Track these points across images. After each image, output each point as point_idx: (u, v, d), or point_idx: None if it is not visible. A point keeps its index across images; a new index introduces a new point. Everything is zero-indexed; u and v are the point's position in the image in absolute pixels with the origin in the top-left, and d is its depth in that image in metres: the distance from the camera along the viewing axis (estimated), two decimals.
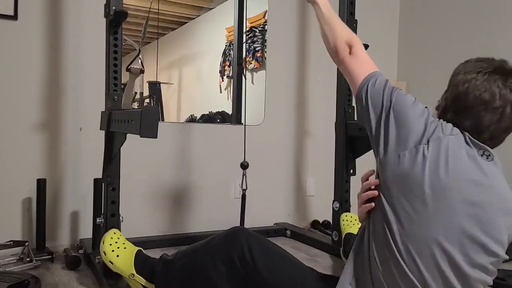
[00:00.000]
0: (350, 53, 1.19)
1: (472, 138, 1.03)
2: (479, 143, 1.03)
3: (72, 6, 2.04)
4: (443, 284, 0.98)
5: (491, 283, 1.03)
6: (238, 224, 1.91)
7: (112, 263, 1.45)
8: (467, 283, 0.99)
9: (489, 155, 1.03)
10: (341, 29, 1.25)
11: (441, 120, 1.07)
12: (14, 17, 1.93)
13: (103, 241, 1.50)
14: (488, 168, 1.01)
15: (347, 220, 1.99)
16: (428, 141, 1.00)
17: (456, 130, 1.05)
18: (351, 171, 2.08)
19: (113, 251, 1.47)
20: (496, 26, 2.40)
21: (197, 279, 1.30)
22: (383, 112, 1.07)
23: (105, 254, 1.47)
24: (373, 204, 1.06)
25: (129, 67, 2.29)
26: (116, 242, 1.50)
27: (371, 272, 1.05)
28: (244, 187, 1.85)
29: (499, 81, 1.03)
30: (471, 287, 1.00)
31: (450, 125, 1.05)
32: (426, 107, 1.08)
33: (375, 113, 1.08)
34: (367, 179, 1.11)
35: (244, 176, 1.85)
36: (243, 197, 1.88)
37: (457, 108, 1.07)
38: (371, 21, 2.65)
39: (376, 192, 1.06)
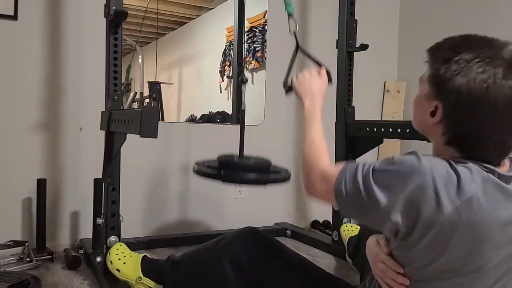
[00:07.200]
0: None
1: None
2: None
3: (72, 6, 2.04)
4: None
5: None
6: (241, 224, 1.87)
7: (119, 270, 1.45)
8: None
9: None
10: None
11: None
12: (14, 17, 1.93)
13: (109, 253, 1.51)
14: None
15: (347, 230, 1.95)
16: None
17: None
18: None
19: (119, 259, 1.47)
20: (496, 26, 2.40)
21: (205, 279, 1.29)
22: None
23: (111, 263, 1.48)
24: None
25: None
26: (122, 253, 1.51)
27: None
28: (244, 103, 1.84)
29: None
30: None
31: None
32: None
33: None
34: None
35: (244, 92, 1.83)
36: (243, 112, 1.85)
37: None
38: (371, 21, 2.64)
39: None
